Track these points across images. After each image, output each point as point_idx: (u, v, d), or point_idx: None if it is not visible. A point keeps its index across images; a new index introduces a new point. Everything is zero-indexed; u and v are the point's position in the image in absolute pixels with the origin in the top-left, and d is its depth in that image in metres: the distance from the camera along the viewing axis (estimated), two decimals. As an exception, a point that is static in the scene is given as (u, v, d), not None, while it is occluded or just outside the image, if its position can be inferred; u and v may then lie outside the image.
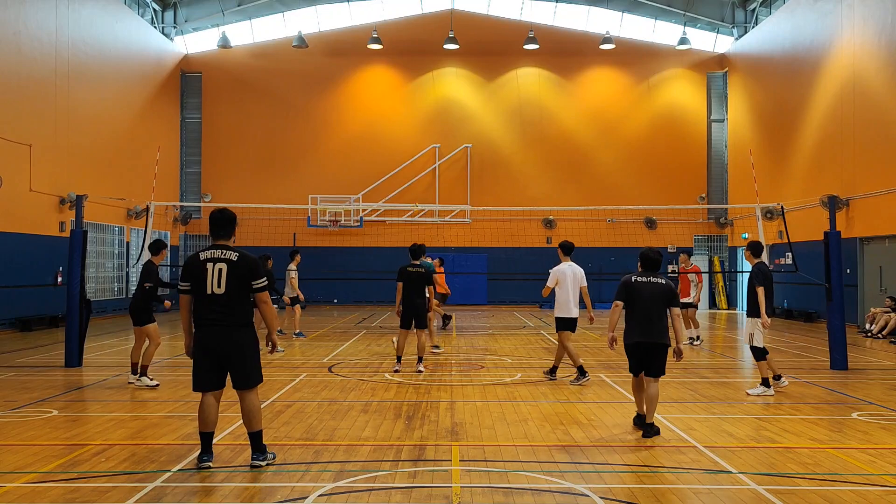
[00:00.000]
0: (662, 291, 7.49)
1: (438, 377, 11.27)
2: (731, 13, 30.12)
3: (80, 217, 13.13)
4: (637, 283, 7.53)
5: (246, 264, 6.23)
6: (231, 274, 6.14)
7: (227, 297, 6.12)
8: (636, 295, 7.49)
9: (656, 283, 7.52)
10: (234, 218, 6.50)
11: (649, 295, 7.46)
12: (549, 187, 30.27)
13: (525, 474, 6.11)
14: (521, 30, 29.96)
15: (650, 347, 7.46)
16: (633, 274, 7.68)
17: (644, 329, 7.44)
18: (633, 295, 7.51)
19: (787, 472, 6.19)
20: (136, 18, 27.07)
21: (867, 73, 20.44)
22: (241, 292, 6.19)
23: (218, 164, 30.65)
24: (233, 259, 6.20)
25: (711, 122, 31.16)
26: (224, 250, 6.25)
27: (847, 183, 21.15)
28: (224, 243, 6.35)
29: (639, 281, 7.54)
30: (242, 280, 6.18)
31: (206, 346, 6.16)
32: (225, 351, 6.15)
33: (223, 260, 6.20)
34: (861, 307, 19.99)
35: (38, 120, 20.26)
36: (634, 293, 7.50)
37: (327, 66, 30.81)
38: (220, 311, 6.12)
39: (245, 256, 6.28)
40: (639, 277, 7.57)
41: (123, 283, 25.57)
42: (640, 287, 7.51)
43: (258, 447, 6.25)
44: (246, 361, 6.20)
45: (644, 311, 7.44)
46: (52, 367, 12.36)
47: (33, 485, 5.77)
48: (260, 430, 6.26)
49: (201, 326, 6.19)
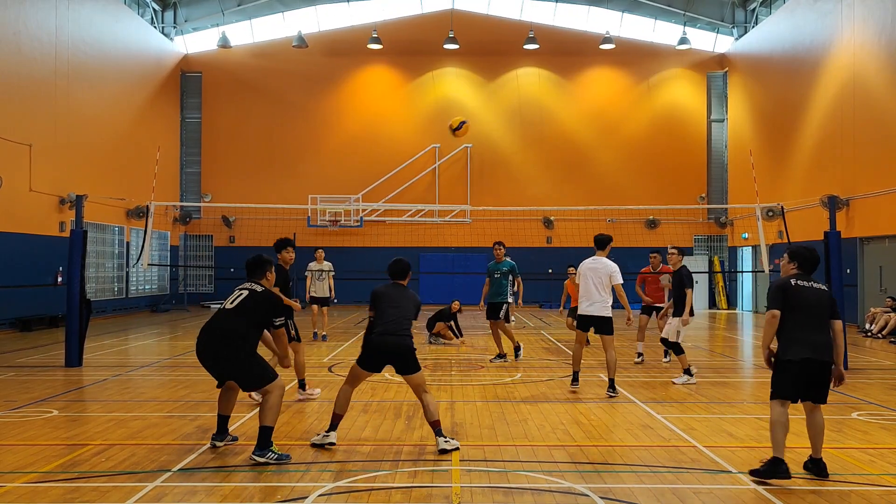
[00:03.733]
0: (827, 300, 6.23)
1: (438, 377, 11.27)
2: (731, 13, 30.12)
3: (80, 217, 13.14)
4: (799, 289, 6.18)
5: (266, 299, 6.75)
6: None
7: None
8: (802, 303, 6.13)
9: (819, 289, 6.24)
10: (263, 262, 7.07)
11: (816, 302, 6.16)
12: (549, 187, 30.27)
13: (525, 474, 6.11)
14: (521, 30, 29.96)
15: (821, 367, 6.07)
16: (789, 277, 6.31)
17: (816, 344, 6.04)
18: (795, 302, 6.13)
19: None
20: (135, 18, 27.07)
21: (867, 73, 20.44)
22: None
23: (218, 164, 30.65)
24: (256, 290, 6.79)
25: (711, 122, 31.16)
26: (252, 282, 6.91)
27: (847, 183, 21.15)
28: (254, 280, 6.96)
29: (801, 286, 6.19)
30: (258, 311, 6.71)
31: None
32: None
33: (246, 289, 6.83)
34: (861, 307, 19.99)
35: (38, 120, 20.26)
36: (797, 300, 6.15)
37: (327, 66, 30.81)
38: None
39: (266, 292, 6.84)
40: (799, 281, 6.22)
41: (123, 283, 25.57)
42: (804, 293, 6.17)
43: (261, 443, 6.35)
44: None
45: (813, 323, 6.12)
46: (52, 367, 12.36)
47: (33, 485, 5.77)
48: (267, 426, 6.37)
49: None
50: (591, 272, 9.77)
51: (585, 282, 9.83)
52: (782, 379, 6.09)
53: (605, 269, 9.69)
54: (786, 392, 6.07)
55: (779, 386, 6.10)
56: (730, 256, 30.26)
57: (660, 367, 12.41)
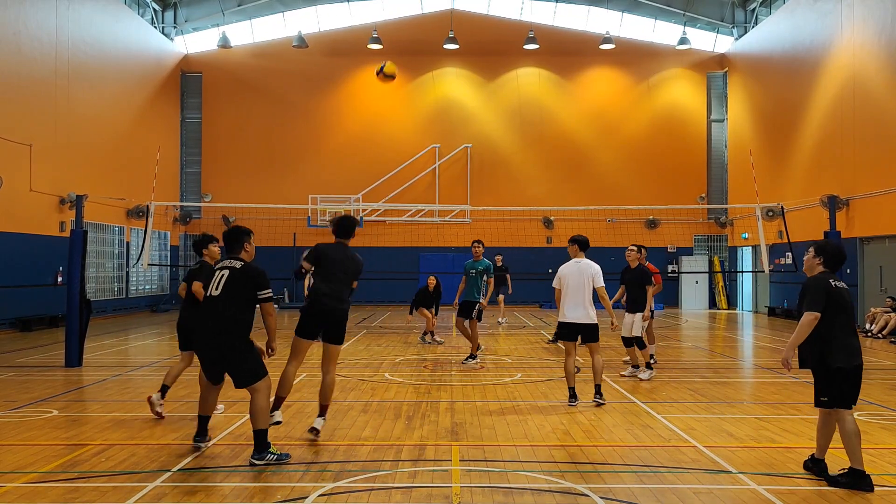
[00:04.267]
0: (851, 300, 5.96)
1: (438, 377, 11.27)
2: (731, 13, 30.12)
3: (80, 217, 13.14)
4: (839, 290, 5.81)
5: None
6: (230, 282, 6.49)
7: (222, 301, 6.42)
8: (842, 304, 5.79)
9: (848, 289, 5.96)
10: (240, 232, 6.79)
11: (850, 304, 5.87)
12: (549, 187, 30.27)
13: (525, 474, 6.11)
14: (521, 30, 29.97)
15: (860, 370, 5.87)
16: (825, 275, 5.91)
17: (858, 348, 5.83)
18: (837, 304, 5.76)
19: (787, 472, 6.18)
20: (136, 18, 27.08)
21: (867, 73, 20.44)
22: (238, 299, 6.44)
23: (218, 164, 30.66)
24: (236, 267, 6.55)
25: (711, 122, 31.16)
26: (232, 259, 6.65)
27: (847, 183, 21.15)
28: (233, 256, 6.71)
29: (839, 287, 5.82)
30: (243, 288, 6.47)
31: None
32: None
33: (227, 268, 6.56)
34: (861, 307, 19.97)
35: (38, 120, 20.26)
36: (839, 302, 5.78)
37: (327, 66, 30.82)
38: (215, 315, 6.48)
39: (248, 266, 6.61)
40: (836, 282, 5.85)
41: (123, 283, 25.57)
42: (843, 294, 5.83)
43: (257, 446, 6.31)
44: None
45: (852, 325, 5.86)
46: (52, 367, 12.36)
47: (33, 485, 5.77)
48: (260, 429, 6.30)
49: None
50: (577, 275, 8.99)
51: (569, 286, 9.00)
52: (846, 386, 5.73)
53: (588, 271, 8.98)
54: (854, 398, 5.77)
55: (847, 394, 5.74)
56: (730, 256, 30.26)
57: (660, 367, 12.41)
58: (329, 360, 7.17)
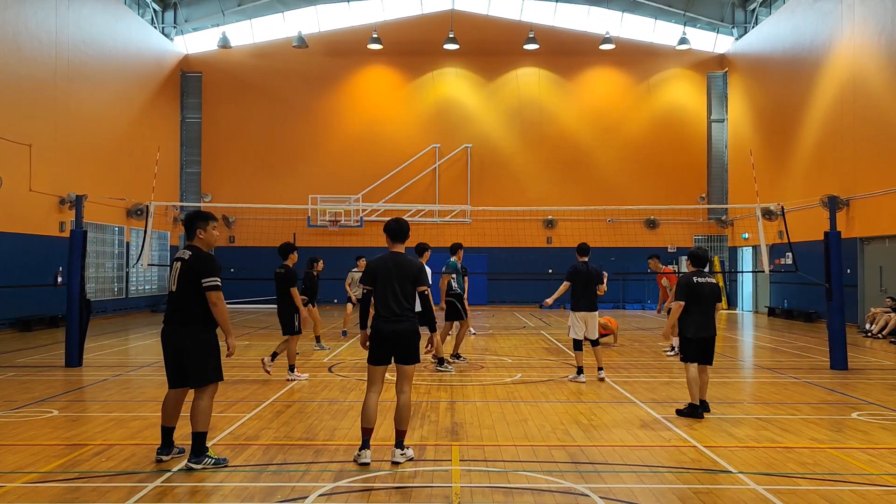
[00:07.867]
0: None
1: (439, 377, 11.27)
2: (731, 13, 30.11)
3: (80, 217, 13.13)
4: (699, 284, 7.73)
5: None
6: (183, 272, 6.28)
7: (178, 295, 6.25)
8: (700, 295, 7.79)
9: (712, 283, 8.10)
10: (195, 217, 6.46)
11: (709, 295, 8.15)
12: (550, 187, 30.27)
13: (525, 474, 6.11)
14: (521, 30, 29.96)
15: (706, 342, 8.32)
16: (690, 274, 7.82)
17: (706, 325, 8.34)
18: (696, 295, 7.79)
19: (787, 472, 6.18)
20: (135, 18, 27.07)
21: (867, 73, 20.44)
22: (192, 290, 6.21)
23: (218, 164, 30.66)
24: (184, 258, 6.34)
25: (711, 122, 31.16)
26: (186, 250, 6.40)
27: (847, 183, 21.15)
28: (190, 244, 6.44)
29: (700, 282, 7.72)
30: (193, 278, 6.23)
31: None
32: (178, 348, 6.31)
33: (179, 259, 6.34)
34: (861, 307, 19.98)
35: (38, 120, 20.26)
36: (697, 293, 7.81)
37: (327, 66, 30.82)
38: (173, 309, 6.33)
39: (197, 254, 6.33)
40: (699, 279, 7.79)
41: (123, 283, 25.57)
42: (703, 288, 7.86)
43: (196, 449, 6.16)
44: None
45: (707, 310, 8.27)
46: (52, 367, 12.36)
47: (33, 485, 5.77)
48: (200, 431, 6.16)
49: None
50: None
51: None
52: (691, 349, 8.24)
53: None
54: (698, 359, 8.26)
55: (692, 354, 8.25)
56: (730, 256, 30.26)
57: (659, 367, 12.42)
58: (402, 380, 6.48)
